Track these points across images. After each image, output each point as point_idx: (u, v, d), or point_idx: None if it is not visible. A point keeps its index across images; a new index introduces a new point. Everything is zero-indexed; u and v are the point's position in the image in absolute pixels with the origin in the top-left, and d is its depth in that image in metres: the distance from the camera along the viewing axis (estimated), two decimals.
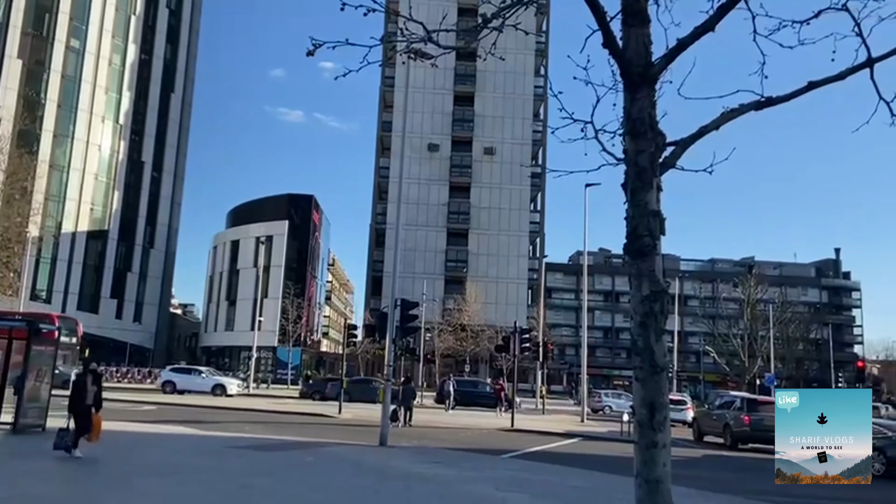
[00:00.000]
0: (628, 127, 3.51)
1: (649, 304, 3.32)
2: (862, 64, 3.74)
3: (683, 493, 12.36)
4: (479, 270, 68.28)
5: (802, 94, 3.82)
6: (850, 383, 65.52)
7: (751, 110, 3.80)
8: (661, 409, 3.23)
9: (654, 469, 3.18)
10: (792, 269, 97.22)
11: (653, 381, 3.27)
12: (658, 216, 3.43)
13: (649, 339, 3.31)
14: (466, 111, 71.88)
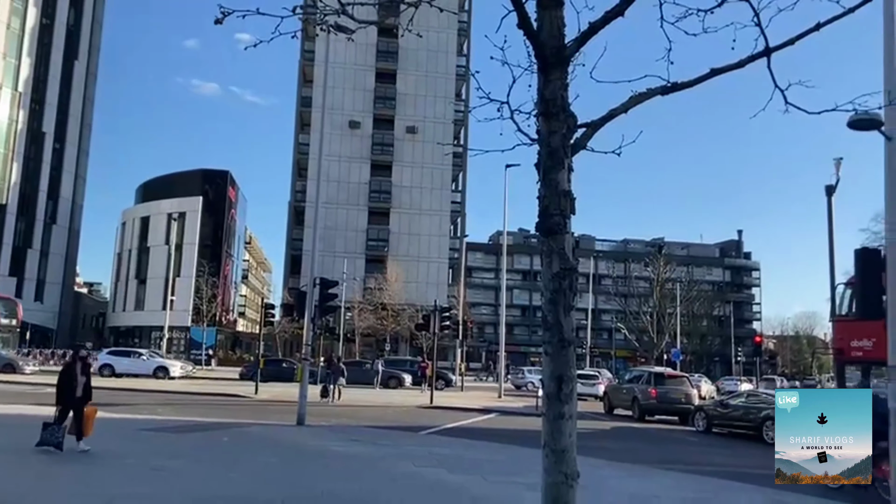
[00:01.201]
0: (541, 108, 3.58)
1: (559, 280, 3.42)
2: (760, 53, 3.94)
3: (592, 463, 12.87)
4: (400, 250, 68.25)
5: (705, 80, 3.99)
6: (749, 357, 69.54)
7: (657, 95, 3.94)
8: (569, 382, 3.35)
9: (561, 439, 3.30)
10: (698, 250, 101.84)
11: (561, 355, 3.38)
12: (569, 196, 3.53)
13: (559, 314, 3.42)
14: (388, 89, 71.22)
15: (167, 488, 9.04)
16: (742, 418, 21.19)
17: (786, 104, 4.07)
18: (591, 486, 10.44)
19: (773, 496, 10.72)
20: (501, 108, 4.09)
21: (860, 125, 10.17)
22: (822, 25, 3.96)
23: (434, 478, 10.63)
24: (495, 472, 11.22)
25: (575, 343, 3.44)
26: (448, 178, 72.02)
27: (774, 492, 11.11)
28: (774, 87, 4.05)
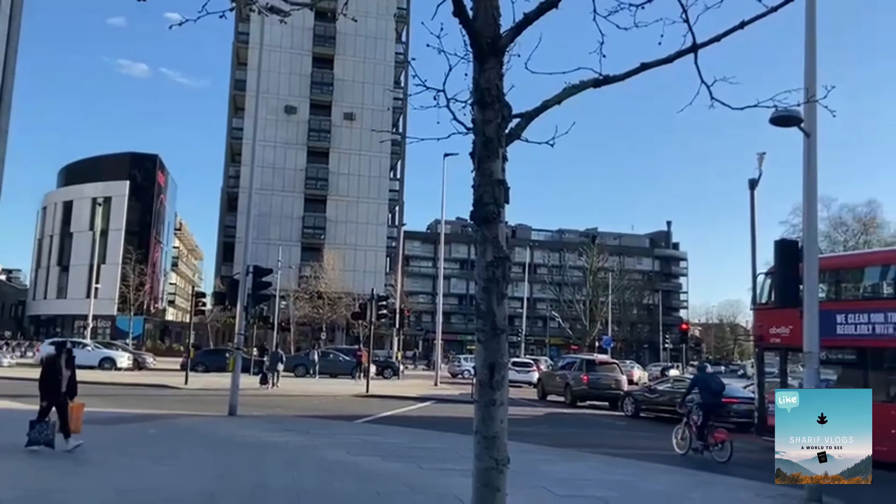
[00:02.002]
0: (477, 97, 3.59)
1: (492, 269, 3.46)
2: (688, 49, 4.06)
3: (525, 449, 13.13)
4: (337, 238, 67.49)
5: (636, 74, 4.09)
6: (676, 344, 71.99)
7: (590, 87, 4.01)
8: (501, 369, 3.40)
9: (492, 425, 3.34)
10: (630, 240, 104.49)
11: (494, 343, 3.42)
12: (503, 185, 3.56)
13: (491, 302, 3.45)
14: (326, 74, 70.08)
15: (93, 482, 8.74)
16: (668, 403, 21.94)
17: (711, 99, 4.21)
18: (523, 471, 10.64)
19: (694, 476, 11.18)
20: (438, 97, 4.09)
21: (781, 122, 10.61)
22: (746, 24, 4.11)
23: (369, 466, 10.62)
24: (431, 460, 11.29)
25: (507, 331, 3.49)
26: (386, 166, 71.56)
27: (694, 472, 11.60)
28: (701, 82, 4.18)
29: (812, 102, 10.32)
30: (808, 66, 10.59)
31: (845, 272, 16.20)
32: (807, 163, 10.75)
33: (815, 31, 10.66)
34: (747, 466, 13.53)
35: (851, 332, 14.45)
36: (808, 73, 10.54)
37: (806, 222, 11.21)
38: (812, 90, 10.23)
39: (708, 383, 14.83)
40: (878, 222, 61.02)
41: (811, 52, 10.62)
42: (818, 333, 10.33)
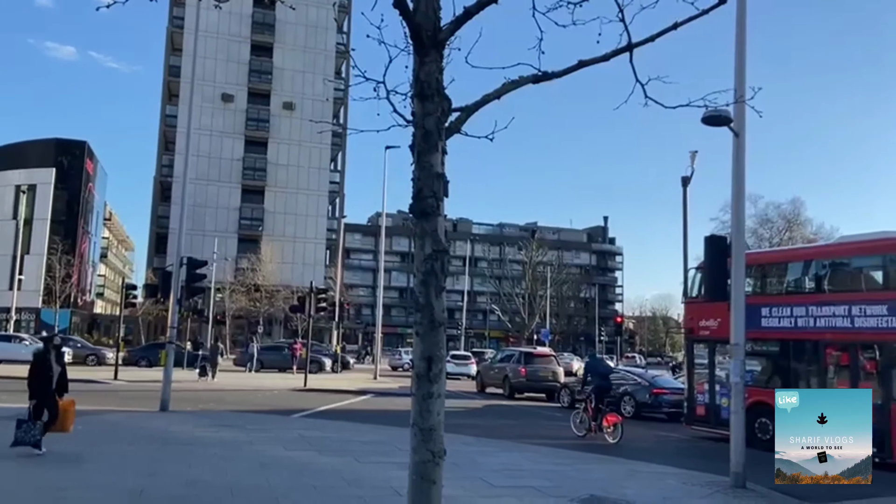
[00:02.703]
0: (416, 89, 3.58)
1: (431, 262, 3.46)
2: (623, 48, 4.14)
3: (463, 441, 13.23)
4: (275, 229, 66.30)
5: (573, 71, 4.15)
6: (611, 337, 73.80)
7: (529, 83, 4.05)
8: (438, 362, 3.40)
9: (429, 418, 3.35)
10: (568, 235, 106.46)
11: (432, 336, 3.43)
12: (442, 178, 3.56)
13: (430, 295, 3.45)
14: (264, 62, 68.62)
15: (15, 480, 8.36)
16: None
17: (645, 98, 4.31)
18: (461, 463, 10.74)
19: (626, 465, 11.49)
20: (378, 88, 4.06)
21: (712, 121, 10.95)
22: (679, 25, 4.22)
23: (305, 461, 10.51)
24: (369, 454, 11.25)
25: (445, 324, 3.50)
26: (327, 158, 70.66)
27: (627, 461, 11.93)
28: (636, 81, 4.27)
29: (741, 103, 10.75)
30: (738, 68, 10.97)
31: (770, 268, 16.89)
32: (736, 162, 11.15)
33: (745, 34, 11.05)
34: (677, 455, 14.01)
35: (775, 325, 15.09)
36: (737, 75, 10.91)
37: (734, 219, 11.63)
38: (741, 91, 10.59)
39: (598, 368, 16.36)
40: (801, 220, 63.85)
41: (741, 55, 11.01)
42: (744, 326, 10.75)
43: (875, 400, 12.98)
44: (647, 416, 20.81)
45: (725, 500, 9.19)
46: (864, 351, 13.60)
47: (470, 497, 8.50)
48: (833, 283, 14.84)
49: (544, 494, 8.88)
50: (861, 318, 13.53)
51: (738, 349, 10.67)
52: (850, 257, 15.05)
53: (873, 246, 14.39)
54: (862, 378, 13.45)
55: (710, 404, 16.17)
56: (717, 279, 12.10)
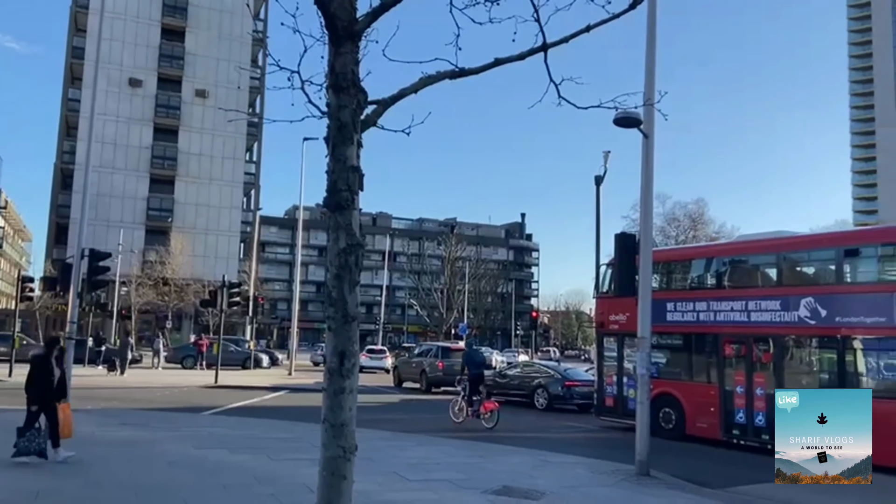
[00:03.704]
0: (332, 81, 3.53)
1: (345, 256, 3.42)
2: (539, 48, 4.22)
3: (379, 435, 13.22)
4: (186, 221, 63.90)
5: (490, 68, 4.20)
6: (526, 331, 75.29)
7: (446, 78, 4.07)
8: (351, 357, 3.38)
9: (341, 413, 3.32)
10: (487, 230, 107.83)
11: (344, 331, 3.40)
12: (357, 171, 3.53)
13: (343, 290, 3.42)
14: (176, 47, 65.93)
15: None
16: (518, 387, 22.96)
17: (559, 97, 4.41)
18: (376, 458, 10.72)
19: (538, 456, 11.77)
20: (292, 78, 3.98)
21: (623, 123, 11.32)
22: (591, 27, 4.33)
23: (215, 459, 10.23)
24: (281, 450, 11.05)
25: (359, 319, 3.47)
26: (242, 148, 68.67)
27: (539, 452, 12.21)
28: (550, 80, 4.37)
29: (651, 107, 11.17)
30: (648, 72, 11.40)
31: (675, 264, 17.65)
32: (645, 162, 11.59)
33: (655, 40, 11.49)
34: (587, 445, 14.46)
35: (679, 319, 15.79)
36: (647, 79, 11.34)
37: (643, 218, 12.08)
38: (650, 95, 11.01)
39: (473, 358, 17.37)
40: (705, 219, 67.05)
41: (651, 60, 11.43)
42: (650, 320, 11.19)
43: (768, 390, 13.86)
44: (560, 407, 21.38)
45: (630, 487, 9.56)
46: (760, 344, 14.41)
47: (383, 491, 8.50)
48: (732, 280, 15.66)
49: (458, 487, 8.98)
50: (757, 313, 14.34)
51: (644, 342, 11.10)
52: (747, 255, 15.93)
53: (768, 245, 15.28)
54: (757, 369, 14.26)
55: (618, 395, 16.76)
56: (626, 275, 12.57)
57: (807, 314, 13.45)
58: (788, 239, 15.26)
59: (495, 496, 8.50)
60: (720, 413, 14.61)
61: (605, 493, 9.10)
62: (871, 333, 12.74)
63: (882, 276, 13.33)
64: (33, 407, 9.39)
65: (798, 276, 15.07)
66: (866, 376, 13.15)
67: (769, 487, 10.38)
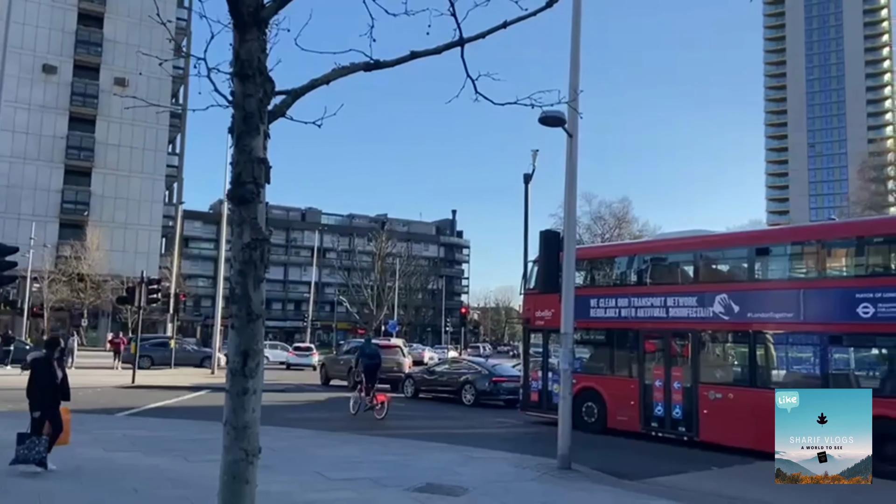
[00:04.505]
0: (237, 68, 3.38)
1: (250, 251, 3.29)
2: (455, 42, 4.18)
3: (302, 434, 13.00)
4: (104, 215, 61.23)
5: (406, 61, 4.12)
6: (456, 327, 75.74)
7: (360, 70, 3.97)
8: (255, 357, 3.25)
9: (244, 415, 3.20)
10: (418, 227, 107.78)
11: (248, 329, 3.27)
12: (264, 163, 3.40)
13: (248, 286, 3.29)
14: (94, 33, 63.02)
15: None
16: (446, 383, 23.03)
17: (476, 93, 4.38)
18: (298, 458, 10.52)
19: (463, 452, 11.79)
20: (198, 65, 3.80)
21: (548, 122, 11.47)
22: (508, 24, 4.32)
23: (128, 462, 9.80)
24: (199, 452, 10.67)
25: (264, 317, 3.35)
26: (164, 139, 66.30)
27: (464, 448, 12.25)
28: (467, 76, 4.33)
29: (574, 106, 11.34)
30: (573, 72, 11.57)
31: (598, 262, 18.04)
32: (569, 161, 11.76)
33: (580, 40, 11.66)
34: (512, 440, 14.62)
35: (602, 315, 16.15)
36: (572, 79, 11.49)
37: (566, 216, 12.27)
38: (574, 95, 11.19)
39: (365, 350, 18.36)
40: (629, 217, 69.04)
41: (575, 60, 11.60)
42: (573, 316, 11.38)
43: (685, 383, 14.34)
44: (487, 403, 21.55)
45: (551, 480, 9.69)
46: (678, 339, 14.89)
47: (303, 492, 8.34)
48: (652, 277, 16.12)
49: (381, 485, 8.90)
50: (675, 309, 14.81)
51: (567, 338, 11.27)
52: (666, 253, 16.43)
53: (686, 243, 15.80)
54: (675, 364, 14.72)
55: (543, 390, 17.01)
56: (550, 272, 12.73)
57: (721, 310, 13.97)
58: (705, 238, 15.81)
59: (418, 493, 8.46)
60: (640, 406, 15.02)
61: (527, 488, 9.20)
62: (780, 328, 13.35)
63: (790, 274, 13.99)
64: (36, 413, 8.93)
65: (714, 273, 15.64)
66: (776, 369, 13.79)
67: (685, 478, 10.76)
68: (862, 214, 51.67)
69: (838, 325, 12.41)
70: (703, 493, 9.45)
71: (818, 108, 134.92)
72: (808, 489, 10.37)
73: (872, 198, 66.91)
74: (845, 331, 12.39)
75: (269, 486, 8.27)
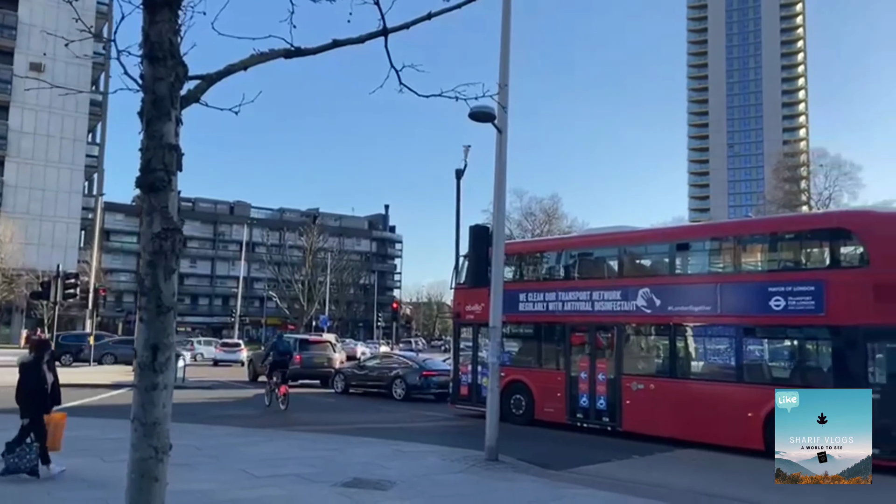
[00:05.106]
0: (147, 50, 3.25)
1: (160, 241, 3.17)
2: (379, 32, 4.13)
3: (228, 432, 12.72)
4: (17, 206, 58.10)
5: (328, 49, 4.05)
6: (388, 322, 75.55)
7: (281, 57, 3.88)
8: (165, 351, 3.14)
9: (153, 411, 3.08)
10: (350, 222, 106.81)
11: (158, 322, 3.15)
12: (175, 150, 3.27)
13: (158, 278, 3.17)
14: (7, 16, 59.68)
15: None
16: (376, 378, 22.94)
17: (400, 84, 4.35)
18: (223, 455, 10.29)
19: (391, 446, 11.77)
20: (108, 47, 3.64)
21: (478, 117, 11.51)
22: (433, 15, 4.30)
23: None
24: (116, 451, 10.23)
25: (175, 309, 3.23)
26: (83, 128, 63.39)
27: (393, 442, 12.23)
28: (391, 66, 4.29)
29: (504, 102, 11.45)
30: (503, 68, 11.67)
31: (527, 256, 18.30)
32: (498, 157, 11.86)
33: (510, 36, 11.77)
34: (441, 433, 14.69)
35: (531, 309, 16.39)
36: (501, 75, 11.60)
37: (496, 211, 12.38)
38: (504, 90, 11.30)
39: (277, 347, 19.14)
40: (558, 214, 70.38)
41: (505, 56, 11.71)
42: (502, 310, 11.50)
43: (609, 375, 14.73)
44: (417, 397, 21.59)
45: (478, 472, 9.78)
46: (602, 332, 15.28)
47: (227, 490, 8.15)
48: (579, 272, 16.47)
49: (308, 481, 8.78)
50: (600, 303, 15.18)
51: (496, 332, 11.39)
52: (592, 248, 16.81)
53: (611, 238, 16.21)
54: (600, 356, 15.10)
55: (472, 384, 17.15)
56: (480, 266, 12.84)
57: (644, 304, 14.41)
58: (629, 234, 16.24)
59: (345, 488, 8.38)
60: (566, 398, 15.34)
61: (454, 480, 9.25)
62: (699, 321, 13.86)
63: (708, 269, 14.55)
64: (25, 420, 8.52)
65: (637, 268, 16.09)
66: (694, 360, 14.32)
67: (607, 466, 11.06)
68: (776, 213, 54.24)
69: (752, 318, 12.97)
70: (623, 481, 9.73)
71: (737, 110, 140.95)
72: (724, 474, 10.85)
73: (786, 197, 70.25)
74: (758, 323, 12.97)
75: (191, 484, 8.06)
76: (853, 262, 12.30)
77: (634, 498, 8.58)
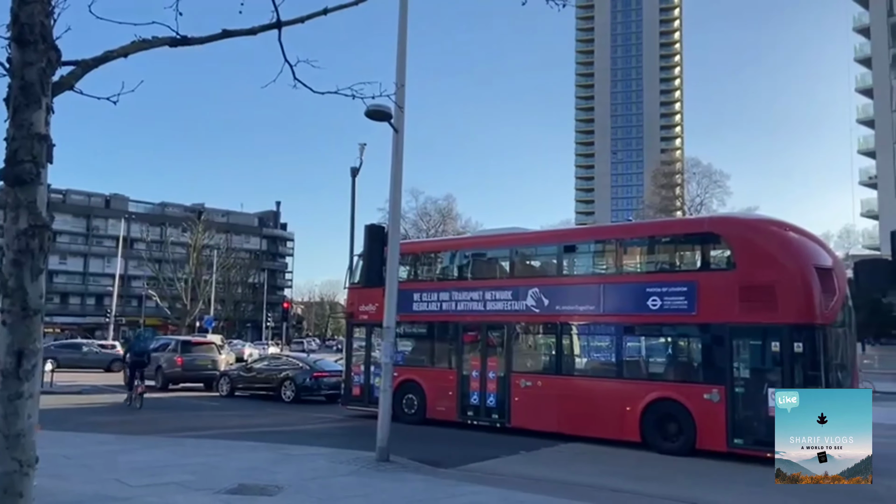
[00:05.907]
0: (15, 33, 2.99)
1: (26, 239, 2.92)
2: (272, 24, 4.01)
3: (101, 440, 12.00)
4: None
5: (217, 39, 3.89)
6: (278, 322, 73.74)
7: (164, 45, 3.69)
8: (31, 357, 2.90)
9: (17, 422, 2.84)
10: (238, 218, 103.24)
11: (23, 326, 2.90)
12: (45, 141, 3.03)
13: (23, 278, 2.92)
14: None
15: None
16: (264, 380, 22.32)
17: (294, 79, 4.24)
18: (95, 465, 9.68)
19: (279, 450, 11.49)
20: None
21: (375, 116, 11.43)
22: (329, 11, 4.23)
23: None
24: None
25: (42, 312, 2.99)
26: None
27: (281, 446, 11.95)
28: (284, 61, 4.18)
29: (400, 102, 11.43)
30: (399, 67, 11.65)
31: (422, 256, 18.38)
32: (395, 156, 11.83)
33: (406, 36, 11.77)
34: (332, 435, 14.49)
35: (425, 308, 16.47)
36: (398, 75, 11.57)
37: (391, 210, 12.35)
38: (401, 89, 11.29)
39: (134, 347, 20.02)
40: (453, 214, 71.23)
41: (402, 56, 11.70)
42: (396, 310, 11.48)
43: (499, 373, 15.05)
44: (308, 399, 21.18)
45: (368, 473, 9.72)
46: (493, 331, 15.58)
47: (98, 502, 7.66)
48: (471, 272, 16.72)
49: (188, 489, 8.40)
50: (492, 302, 15.47)
51: (390, 331, 11.35)
52: (485, 249, 17.12)
53: (502, 240, 16.56)
54: (491, 354, 15.39)
55: (365, 384, 17.03)
56: (375, 266, 12.75)
57: (533, 303, 14.82)
58: (519, 235, 16.65)
59: (229, 495, 8.09)
60: (457, 396, 15.54)
61: (344, 482, 9.15)
62: (584, 320, 14.42)
63: (593, 270, 15.17)
64: None
65: (527, 269, 16.54)
66: (578, 357, 14.89)
67: (495, 463, 11.30)
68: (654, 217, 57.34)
69: (631, 317, 13.64)
70: (509, 476, 9.97)
71: (621, 118, 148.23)
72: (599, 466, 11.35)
73: (663, 202, 74.42)
74: (637, 322, 13.65)
75: (58, 497, 7.51)
76: (721, 265, 13.18)
77: (522, 493, 8.81)
